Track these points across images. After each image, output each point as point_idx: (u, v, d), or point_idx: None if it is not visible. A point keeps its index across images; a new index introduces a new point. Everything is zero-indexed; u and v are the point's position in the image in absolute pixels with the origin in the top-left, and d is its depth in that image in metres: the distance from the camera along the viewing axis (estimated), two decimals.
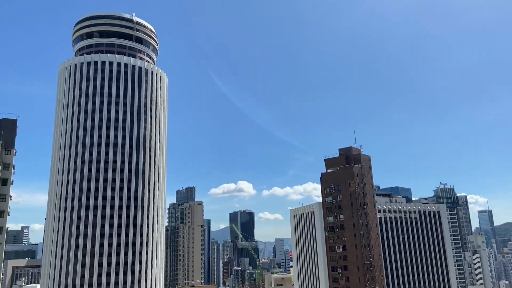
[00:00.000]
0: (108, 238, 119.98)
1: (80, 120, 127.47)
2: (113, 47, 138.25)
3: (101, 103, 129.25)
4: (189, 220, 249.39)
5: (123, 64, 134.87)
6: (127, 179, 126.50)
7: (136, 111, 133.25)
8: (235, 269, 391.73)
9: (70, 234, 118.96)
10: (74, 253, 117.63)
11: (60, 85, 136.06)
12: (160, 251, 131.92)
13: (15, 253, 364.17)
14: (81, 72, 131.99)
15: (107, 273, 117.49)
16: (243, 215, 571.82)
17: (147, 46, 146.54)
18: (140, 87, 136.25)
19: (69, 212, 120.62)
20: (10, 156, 70.71)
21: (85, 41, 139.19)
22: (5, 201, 68.37)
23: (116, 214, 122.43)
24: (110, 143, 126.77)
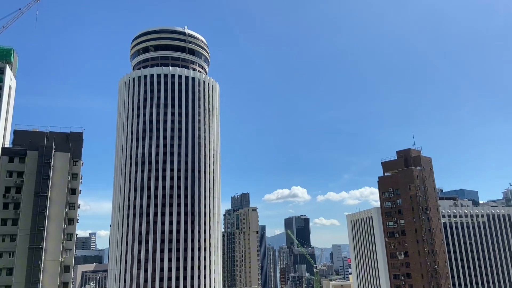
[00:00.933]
0: (168, 243, 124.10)
1: (139, 131, 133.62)
2: (167, 59, 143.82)
3: (158, 114, 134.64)
4: (244, 226, 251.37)
5: (177, 76, 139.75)
6: (183, 186, 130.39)
7: (191, 120, 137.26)
8: (292, 275, 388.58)
9: (133, 240, 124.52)
10: (137, 258, 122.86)
11: (120, 99, 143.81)
12: (217, 256, 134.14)
13: (84, 258, 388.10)
14: (139, 86, 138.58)
15: (168, 278, 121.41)
16: (298, 220, 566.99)
17: (199, 56, 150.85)
18: (194, 96, 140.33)
19: (132, 219, 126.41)
20: (78, 167, 75.53)
21: (142, 55, 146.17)
22: (74, 209, 73.03)
23: (174, 220, 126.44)
24: (167, 152, 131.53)
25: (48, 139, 72.82)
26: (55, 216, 68.75)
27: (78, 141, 76.55)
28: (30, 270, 64.81)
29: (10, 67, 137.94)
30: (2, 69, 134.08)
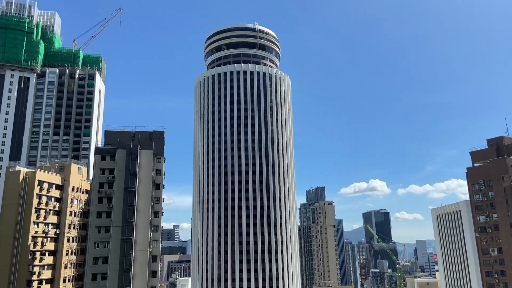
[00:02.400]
0: (245, 236, 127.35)
1: (214, 128, 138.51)
2: (239, 56, 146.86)
3: (232, 111, 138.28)
4: (320, 220, 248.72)
5: (249, 72, 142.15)
6: (259, 180, 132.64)
7: (263, 115, 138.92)
8: (372, 271, 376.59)
9: (213, 232, 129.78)
10: (218, 250, 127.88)
11: (196, 98, 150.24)
12: (294, 250, 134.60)
13: (169, 249, 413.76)
14: (213, 84, 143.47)
15: (247, 270, 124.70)
16: (378, 215, 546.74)
17: (270, 51, 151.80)
18: (266, 92, 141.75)
19: (211, 212, 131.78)
20: (161, 163, 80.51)
21: (214, 54, 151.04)
22: (159, 203, 78.06)
23: (251, 214, 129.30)
24: (242, 147, 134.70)
25: (134, 138, 78.41)
26: (142, 209, 74.01)
27: (160, 139, 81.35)
28: (123, 259, 70.59)
29: (99, 73, 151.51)
30: (93, 75, 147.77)
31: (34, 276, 78.78)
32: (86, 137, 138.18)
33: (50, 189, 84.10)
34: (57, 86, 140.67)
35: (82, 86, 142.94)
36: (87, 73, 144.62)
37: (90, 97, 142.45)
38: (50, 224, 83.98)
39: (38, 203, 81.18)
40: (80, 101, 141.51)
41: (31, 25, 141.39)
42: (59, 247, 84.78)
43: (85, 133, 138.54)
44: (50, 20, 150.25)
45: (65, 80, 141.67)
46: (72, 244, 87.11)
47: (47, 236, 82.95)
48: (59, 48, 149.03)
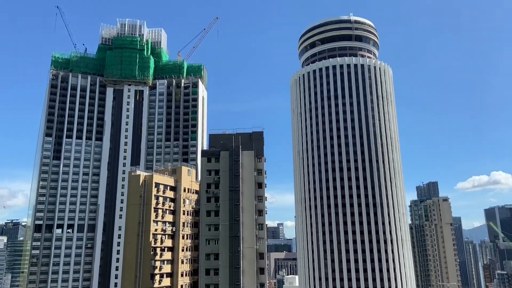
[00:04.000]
0: (351, 235, 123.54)
1: (312, 125, 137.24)
2: (334, 51, 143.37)
3: (329, 106, 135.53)
4: (435, 218, 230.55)
5: (345, 65, 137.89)
6: (362, 177, 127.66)
7: (363, 109, 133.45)
8: (498, 272, 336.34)
9: (317, 231, 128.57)
10: (323, 248, 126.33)
11: (293, 96, 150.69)
12: (406, 250, 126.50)
13: (275, 247, 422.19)
14: (308, 81, 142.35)
15: (355, 269, 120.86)
16: (503, 211, 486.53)
17: (367, 42, 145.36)
18: (365, 84, 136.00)
19: (314, 211, 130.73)
20: (261, 163, 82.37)
21: (309, 51, 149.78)
22: (262, 201, 79.92)
23: (356, 212, 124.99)
24: (342, 143, 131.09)
25: (235, 140, 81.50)
26: (247, 208, 76.46)
27: (260, 139, 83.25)
28: (232, 255, 73.77)
29: (202, 81, 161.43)
30: (196, 83, 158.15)
31: (156, 270, 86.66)
32: (193, 141, 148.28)
33: (165, 190, 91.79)
34: (166, 96, 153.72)
35: (187, 94, 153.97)
36: (191, 81, 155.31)
37: (195, 104, 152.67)
38: (167, 223, 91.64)
39: (156, 203, 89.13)
40: (186, 108, 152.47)
41: (142, 42, 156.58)
42: (175, 244, 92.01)
43: (192, 137, 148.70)
44: (158, 36, 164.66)
45: (173, 90, 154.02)
46: (187, 241, 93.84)
47: (165, 234, 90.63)
48: (166, 61, 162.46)
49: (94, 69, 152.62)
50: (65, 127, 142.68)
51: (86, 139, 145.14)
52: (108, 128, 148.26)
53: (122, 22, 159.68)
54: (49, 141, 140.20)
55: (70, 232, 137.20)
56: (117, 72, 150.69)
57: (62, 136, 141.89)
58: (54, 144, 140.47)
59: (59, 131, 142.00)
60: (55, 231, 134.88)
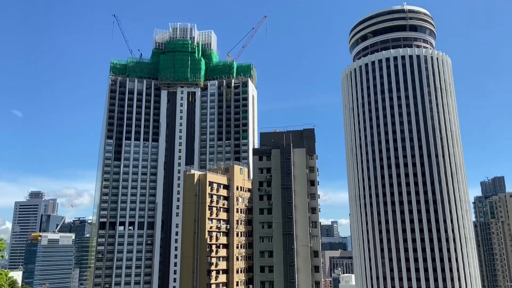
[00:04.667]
0: (410, 233, 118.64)
1: (366, 120, 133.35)
2: (387, 42, 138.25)
3: (383, 100, 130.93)
4: (501, 215, 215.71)
5: (399, 57, 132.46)
6: (420, 172, 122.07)
7: (420, 102, 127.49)
8: None
9: (373, 229, 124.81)
10: (380, 247, 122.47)
11: (344, 91, 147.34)
12: (470, 248, 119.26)
13: (330, 245, 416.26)
14: (360, 75, 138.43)
15: (415, 269, 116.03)
16: None
17: (423, 31, 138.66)
18: (421, 76, 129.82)
19: (369, 208, 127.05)
20: (313, 160, 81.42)
21: (360, 45, 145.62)
22: (315, 199, 79.01)
23: (414, 209, 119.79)
24: (398, 138, 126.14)
25: (286, 138, 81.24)
26: (299, 205, 75.96)
27: (311, 136, 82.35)
28: (286, 253, 73.71)
29: (251, 80, 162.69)
30: (246, 83, 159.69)
31: (212, 266, 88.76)
32: (244, 140, 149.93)
33: (219, 189, 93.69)
34: (217, 96, 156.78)
35: (237, 93, 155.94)
36: (240, 81, 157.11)
37: (245, 103, 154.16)
38: (221, 220, 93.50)
39: (210, 201, 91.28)
40: (237, 107, 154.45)
41: (193, 45, 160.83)
42: (230, 241, 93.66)
43: (243, 136, 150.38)
44: (208, 38, 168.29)
45: (223, 90, 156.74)
46: (241, 238, 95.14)
47: (220, 231, 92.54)
48: (216, 62, 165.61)
49: (149, 73, 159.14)
50: (124, 129, 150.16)
51: (144, 141, 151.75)
52: (163, 130, 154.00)
53: (174, 26, 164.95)
54: (110, 143, 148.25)
55: (131, 229, 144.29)
56: (170, 75, 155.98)
57: (122, 138, 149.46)
58: (115, 146, 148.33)
59: (119, 133, 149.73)
60: (117, 228, 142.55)
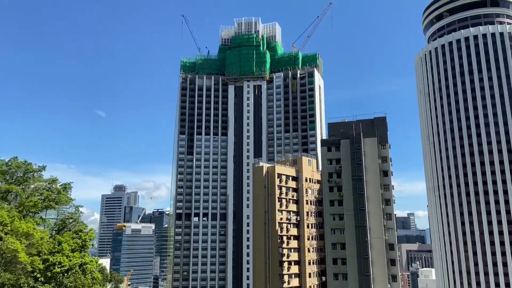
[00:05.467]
0: (497, 225, 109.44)
1: (443, 106, 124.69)
2: (466, 20, 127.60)
3: (463, 84, 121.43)
4: None
5: (480, 36, 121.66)
6: (507, 160, 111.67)
7: (506, 83, 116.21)
8: None
9: (455, 221, 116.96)
10: (463, 240, 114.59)
11: (418, 76, 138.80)
12: None
13: (406, 238, 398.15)
14: (436, 57, 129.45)
15: (503, 263, 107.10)
16: None
17: (506, 6, 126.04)
18: (506, 55, 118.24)
19: (450, 199, 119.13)
20: (386, 150, 77.97)
21: (435, 25, 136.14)
22: (389, 190, 75.70)
23: (501, 199, 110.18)
24: (481, 123, 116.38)
25: (356, 127, 78.68)
26: (372, 197, 73.37)
27: (383, 125, 78.87)
28: (359, 245, 71.78)
29: (317, 70, 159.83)
30: (311, 73, 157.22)
31: (284, 257, 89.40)
32: (311, 131, 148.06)
33: (287, 181, 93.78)
34: (283, 88, 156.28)
35: (303, 84, 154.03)
36: (306, 71, 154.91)
37: (311, 94, 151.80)
38: (291, 212, 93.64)
39: (279, 193, 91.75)
40: (303, 98, 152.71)
41: (258, 39, 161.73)
42: (301, 233, 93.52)
43: (311, 127, 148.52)
44: (272, 31, 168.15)
45: (289, 81, 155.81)
46: (312, 230, 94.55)
47: (290, 223, 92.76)
48: (281, 54, 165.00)
49: (217, 69, 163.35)
50: (195, 125, 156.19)
51: (214, 135, 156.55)
52: (231, 124, 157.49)
53: (239, 21, 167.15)
54: (182, 138, 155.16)
55: (205, 220, 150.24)
56: (237, 69, 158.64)
57: (193, 133, 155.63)
58: (187, 141, 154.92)
59: (190, 129, 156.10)
60: (193, 219, 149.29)
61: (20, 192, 56.03)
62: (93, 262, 49.36)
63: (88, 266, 46.56)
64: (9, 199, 55.21)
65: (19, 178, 58.78)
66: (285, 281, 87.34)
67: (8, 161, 58.45)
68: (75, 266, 43.03)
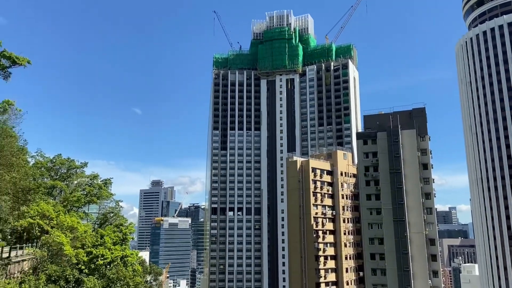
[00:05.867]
0: None
1: (486, 95, 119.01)
2: (509, 5, 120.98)
3: (507, 71, 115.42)
4: None
5: None
6: None
7: None
8: None
9: (499, 215, 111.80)
10: (508, 234, 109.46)
11: (459, 64, 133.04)
12: None
13: (448, 233, 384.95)
14: (478, 45, 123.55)
15: None
16: None
17: None
18: None
19: (494, 192, 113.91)
20: (425, 142, 75.32)
21: (476, 11, 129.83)
22: (429, 183, 73.19)
23: None
24: None
25: (393, 119, 76.47)
26: (411, 190, 71.22)
27: (421, 116, 76.26)
28: (398, 240, 69.96)
29: (352, 61, 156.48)
30: (346, 64, 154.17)
31: (320, 252, 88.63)
32: (346, 124, 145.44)
33: (322, 175, 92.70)
34: (316, 81, 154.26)
35: (337, 76, 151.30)
36: (340, 63, 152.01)
37: (346, 86, 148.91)
38: (327, 206, 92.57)
39: (314, 187, 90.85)
40: (337, 91, 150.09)
41: (290, 32, 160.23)
42: (336, 227, 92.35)
43: (346, 120, 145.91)
44: (304, 23, 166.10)
45: (322, 74, 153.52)
46: (348, 224, 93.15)
47: (325, 217, 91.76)
48: (314, 46, 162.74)
49: (249, 64, 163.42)
50: (228, 120, 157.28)
51: (247, 130, 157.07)
52: (264, 118, 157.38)
53: (270, 15, 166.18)
54: (216, 134, 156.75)
55: (240, 214, 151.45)
56: (269, 64, 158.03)
57: (227, 128, 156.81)
58: (221, 136, 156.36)
59: (223, 124, 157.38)
60: (227, 214, 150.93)
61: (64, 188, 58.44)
62: (133, 255, 50.83)
63: (129, 259, 48.02)
64: (54, 194, 57.70)
65: (63, 174, 61.35)
66: (322, 275, 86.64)
67: (52, 158, 61.11)
68: (117, 259, 44.50)
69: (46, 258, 36.74)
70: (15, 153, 37.14)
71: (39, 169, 54.21)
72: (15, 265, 33.01)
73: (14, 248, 35.10)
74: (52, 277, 35.07)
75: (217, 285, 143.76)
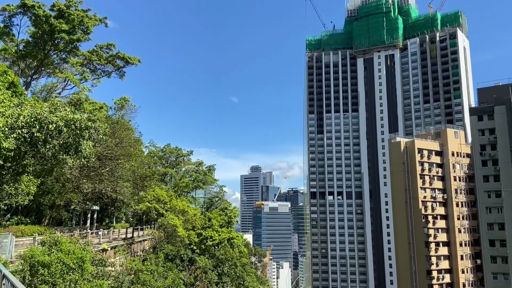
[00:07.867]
0: None
1: None
2: None
3: None
4: None
5: None
6: None
7: None
8: None
9: None
10: None
11: None
12: None
13: None
14: None
15: None
16: None
17: None
18: None
19: None
20: None
21: None
22: None
23: None
24: None
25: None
26: None
27: None
28: None
29: (461, 30, 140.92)
30: (454, 34, 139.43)
31: (430, 238, 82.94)
32: (456, 99, 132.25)
33: (430, 156, 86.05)
34: (419, 55, 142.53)
35: (444, 48, 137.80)
36: (447, 33, 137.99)
37: (455, 57, 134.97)
38: (436, 189, 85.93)
39: (421, 169, 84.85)
40: (445, 63, 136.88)
41: (388, 4, 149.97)
42: (449, 212, 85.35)
43: (455, 95, 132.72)
44: None
45: (426, 47, 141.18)
46: (462, 209, 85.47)
47: (435, 201, 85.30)
48: (416, 18, 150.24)
49: (343, 43, 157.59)
50: (323, 103, 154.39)
51: (344, 112, 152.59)
52: (362, 99, 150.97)
53: None
54: (312, 118, 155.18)
55: (340, 198, 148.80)
56: (365, 41, 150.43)
57: (322, 111, 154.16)
58: (317, 120, 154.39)
59: (319, 107, 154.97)
60: (327, 198, 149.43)
61: (174, 175, 63.44)
62: (239, 237, 53.31)
63: (235, 241, 50.47)
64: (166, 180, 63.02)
65: (172, 162, 66.69)
66: (433, 263, 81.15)
67: (163, 147, 66.66)
68: (224, 240, 47.13)
69: (163, 238, 40.41)
70: (133, 144, 41.23)
71: (152, 158, 59.72)
72: (137, 244, 36.85)
73: (136, 229, 39.20)
74: (169, 256, 38.46)
75: (320, 269, 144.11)
